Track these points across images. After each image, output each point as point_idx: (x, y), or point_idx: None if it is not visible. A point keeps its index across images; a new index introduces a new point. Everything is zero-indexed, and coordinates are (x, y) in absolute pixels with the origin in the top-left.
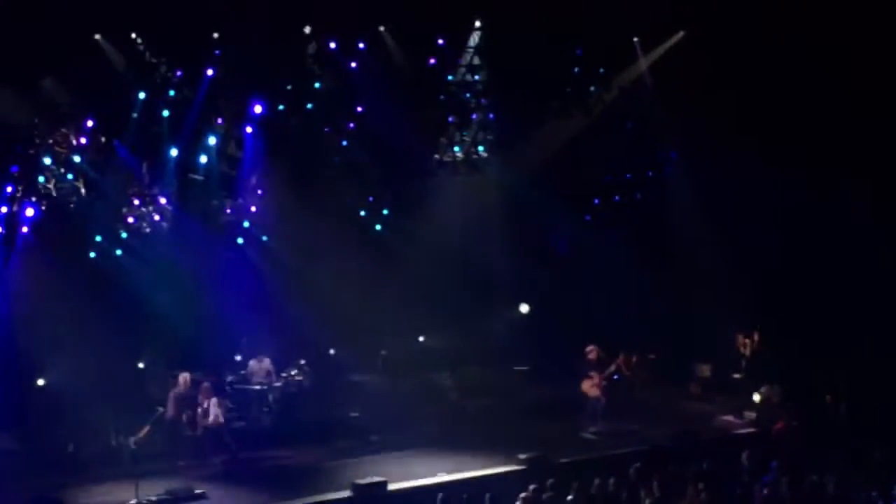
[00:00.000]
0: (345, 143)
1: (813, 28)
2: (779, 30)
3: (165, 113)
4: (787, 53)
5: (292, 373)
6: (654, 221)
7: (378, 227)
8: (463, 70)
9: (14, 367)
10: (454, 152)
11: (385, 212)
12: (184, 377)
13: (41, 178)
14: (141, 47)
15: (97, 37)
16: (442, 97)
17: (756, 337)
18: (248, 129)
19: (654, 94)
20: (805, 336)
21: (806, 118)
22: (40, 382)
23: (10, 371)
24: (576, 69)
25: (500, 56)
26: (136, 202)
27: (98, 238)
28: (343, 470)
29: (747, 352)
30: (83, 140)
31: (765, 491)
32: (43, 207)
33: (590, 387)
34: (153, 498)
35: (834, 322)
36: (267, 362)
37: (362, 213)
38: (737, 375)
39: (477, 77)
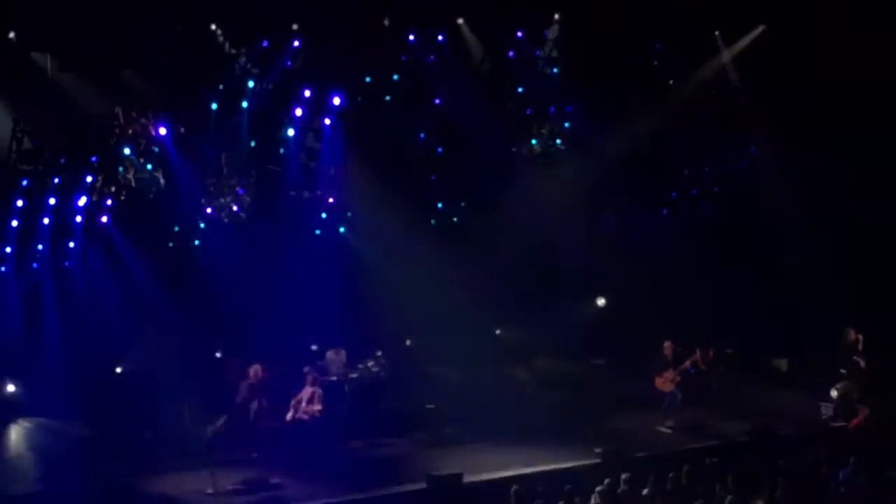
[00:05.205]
0: (422, 135)
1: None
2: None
3: (244, 104)
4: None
5: (369, 364)
6: (733, 215)
7: (455, 219)
8: (541, 63)
9: (92, 354)
10: (532, 145)
11: (462, 204)
12: (254, 368)
13: (121, 169)
14: (220, 39)
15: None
16: (520, 90)
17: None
18: (327, 121)
19: (737, 88)
20: (885, 330)
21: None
22: (118, 370)
23: (88, 359)
24: (655, 62)
25: (578, 49)
26: (215, 192)
27: (176, 228)
28: (419, 462)
29: (860, 347)
30: (162, 131)
31: (842, 487)
32: (122, 197)
33: (663, 382)
34: (229, 487)
35: None
36: (343, 354)
37: (439, 205)
38: (843, 371)
39: (555, 70)
